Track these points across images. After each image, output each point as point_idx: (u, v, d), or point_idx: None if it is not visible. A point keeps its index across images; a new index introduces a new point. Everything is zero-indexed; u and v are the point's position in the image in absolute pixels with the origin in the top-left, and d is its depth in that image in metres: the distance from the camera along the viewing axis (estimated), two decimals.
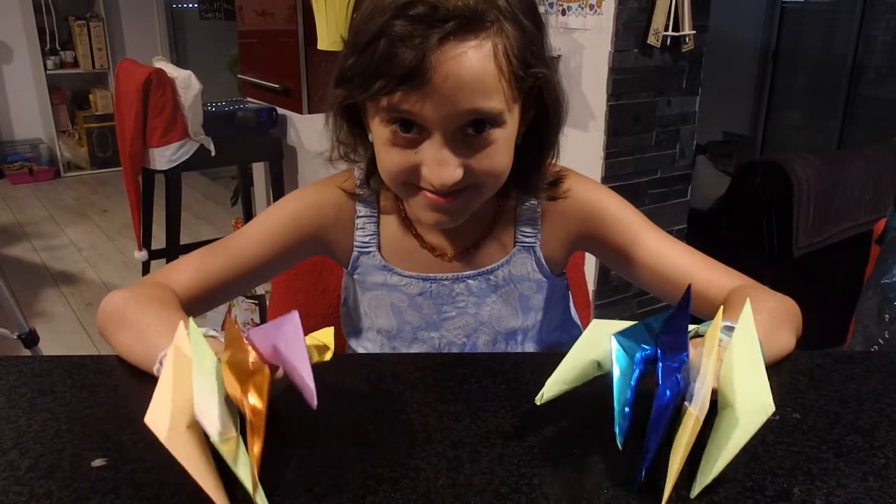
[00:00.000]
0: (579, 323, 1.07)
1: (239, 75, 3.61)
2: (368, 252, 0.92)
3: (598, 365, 0.61)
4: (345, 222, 0.91)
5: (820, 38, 4.49)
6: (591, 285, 2.12)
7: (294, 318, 0.59)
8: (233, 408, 0.57)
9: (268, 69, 3.28)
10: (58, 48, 5.17)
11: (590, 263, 2.11)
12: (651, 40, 1.96)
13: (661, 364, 0.57)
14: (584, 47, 2.02)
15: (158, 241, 3.30)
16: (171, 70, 2.92)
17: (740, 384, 0.57)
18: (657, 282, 0.88)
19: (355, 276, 0.95)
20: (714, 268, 0.86)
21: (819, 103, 4.46)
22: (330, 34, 2.04)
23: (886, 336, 0.82)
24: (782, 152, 4.33)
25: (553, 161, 0.86)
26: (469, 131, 0.73)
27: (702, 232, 2.58)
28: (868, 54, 4.19)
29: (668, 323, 0.58)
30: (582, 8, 2.00)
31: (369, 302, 0.95)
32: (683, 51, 2.02)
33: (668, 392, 0.55)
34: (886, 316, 0.81)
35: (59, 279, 3.51)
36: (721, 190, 2.83)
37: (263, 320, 2.33)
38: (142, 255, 3.27)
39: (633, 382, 0.56)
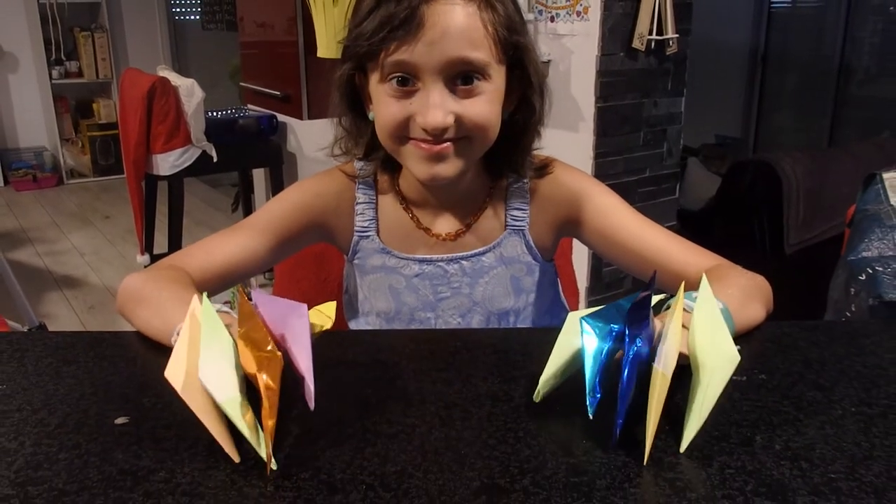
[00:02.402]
0: (569, 309, 1.12)
1: (241, 83, 3.68)
2: (368, 236, 0.97)
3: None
4: (345, 209, 0.97)
5: (808, 40, 4.56)
6: (583, 282, 2.18)
7: (302, 311, 0.62)
8: (240, 376, 0.61)
9: (269, 77, 3.34)
10: (63, 58, 5.25)
11: (582, 260, 2.16)
12: (636, 44, 2.02)
13: (627, 336, 0.61)
14: (573, 52, 2.09)
15: (160, 245, 3.36)
16: (175, 78, 2.99)
17: (707, 345, 0.62)
18: (637, 263, 0.92)
19: (355, 262, 1.00)
20: (691, 249, 0.91)
21: (809, 104, 4.53)
22: (329, 42, 2.10)
23: (853, 309, 0.88)
24: (771, 152, 4.40)
25: (539, 128, 0.92)
26: (458, 82, 0.81)
27: (694, 231, 2.63)
28: (855, 55, 4.26)
29: (634, 301, 0.62)
30: (569, 14, 2.07)
31: (369, 286, 1.00)
32: (668, 54, 2.09)
33: (631, 356, 0.60)
34: (852, 290, 0.87)
35: (62, 283, 3.56)
36: (713, 191, 2.88)
37: None
38: (144, 259, 3.33)
39: (603, 358, 0.61)
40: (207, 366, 0.59)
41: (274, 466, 0.57)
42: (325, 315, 0.72)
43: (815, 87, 4.45)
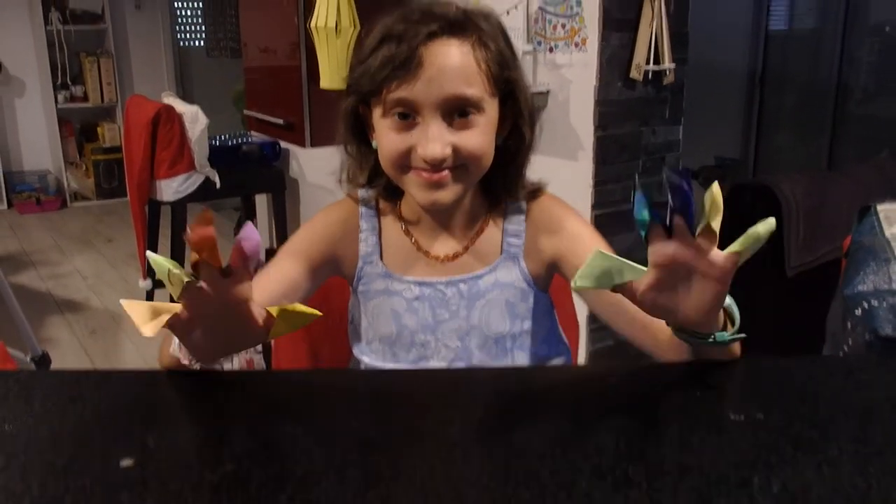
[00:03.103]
0: (567, 342, 1.13)
1: (245, 111, 3.71)
2: (371, 261, 1.02)
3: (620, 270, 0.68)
4: (350, 236, 1.02)
5: (805, 61, 4.59)
6: (584, 311, 2.18)
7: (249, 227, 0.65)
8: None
9: (272, 105, 3.38)
10: (68, 82, 5.30)
11: None
12: (633, 74, 2.05)
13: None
14: (571, 82, 2.11)
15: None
16: (179, 105, 3.02)
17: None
18: (604, 305, 0.94)
19: (360, 289, 1.03)
20: None
21: (808, 124, 4.55)
22: (332, 72, 2.13)
23: (850, 342, 0.89)
24: (771, 172, 4.39)
25: (530, 152, 0.98)
26: (455, 115, 0.88)
27: None
28: (853, 75, 4.28)
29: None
30: (568, 45, 2.09)
31: (372, 311, 1.03)
32: (665, 83, 2.11)
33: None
34: (849, 324, 0.88)
35: (63, 307, 3.57)
36: None
37: (266, 346, 2.38)
38: (146, 283, 3.34)
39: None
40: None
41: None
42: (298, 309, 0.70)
43: (813, 107, 4.47)
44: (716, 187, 0.64)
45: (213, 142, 3.27)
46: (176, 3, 5.83)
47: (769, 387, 0.78)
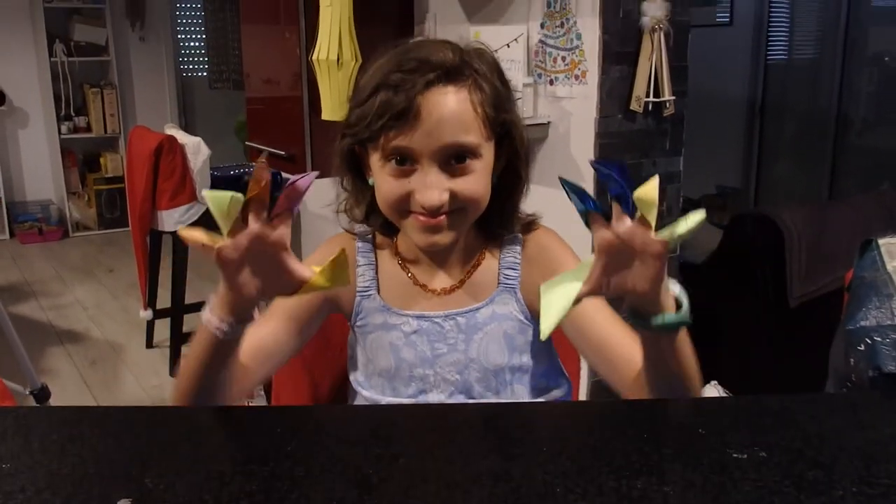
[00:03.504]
0: (567, 374, 1.13)
1: (246, 142, 3.74)
2: (369, 295, 1.02)
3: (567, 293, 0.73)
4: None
5: (805, 91, 4.62)
6: None
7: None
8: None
9: (274, 136, 3.39)
10: (72, 113, 5.33)
11: None
12: (634, 106, 2.06)
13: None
14: (572, 114, 2.13)
15: (163, 300, 3.36)
16: (182, 136, 3.04)
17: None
18: (585, 343, 0.95)
19: (357, 324, 1.03)
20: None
21: (808, 154, 4.57)
22: (333, 104, 2.14)
23: (853, 379, 0.88)
24: (772, 202, 4.41)
25: (525, 193, 1.00)
26: (452, 162, 0.89)
27: (697, 285, 2.62)
28: (853, 105, 4.31)
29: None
30: (568, 78, 2.11)
31: (370, 345, 1.03)
32: (665, 115, 2.12)
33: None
34: (851, 360, 0.87)
35: (64, 337, 3.56)
36: (714, 243, 2.89)
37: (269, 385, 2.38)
38: (147, 314, 3.33)
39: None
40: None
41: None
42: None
43: (813, 137, 4.50)
44: (649, 184, 0.69)
45: (215, 172, 3.28)
46: (180, 36, 5.90)
47: (772, 425, 0.77)
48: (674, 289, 0.77)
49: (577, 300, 0.74)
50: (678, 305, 0.78)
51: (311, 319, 1.01)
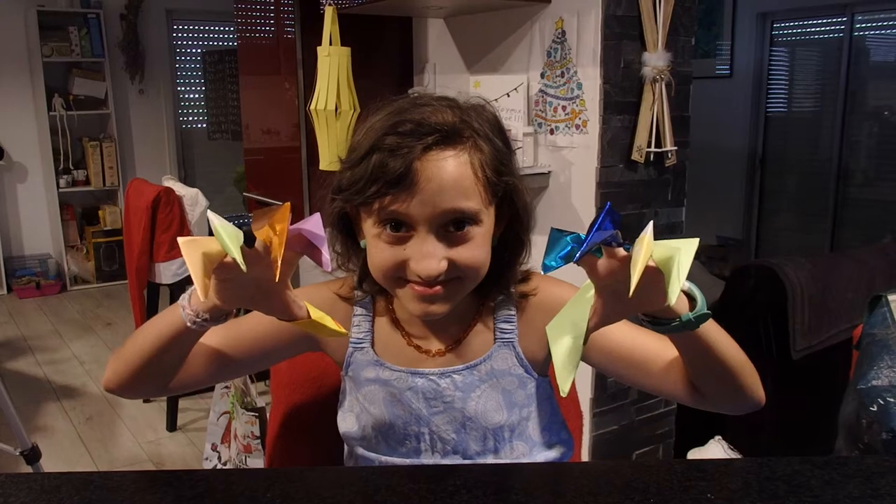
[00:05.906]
0: (568, 428, 1.09)
1: (244, 193, 3.74)
2: (362, 348, 0.98)
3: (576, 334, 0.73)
4: (341, 314, 0.98)
5: (805, 143, 4.66)
6: (588, 392, 2.13)
7: (316, 218, 0.75)
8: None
9: (272, 186, 3.39)
10: (70, 167, 5.35)
11: (585, 370, 2.13)
12: (635, 156, 2.05)
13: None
14: (573, 164, 2.12)
15: None
16: (180, 188, 3.04)
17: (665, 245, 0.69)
18: (629, 367, 0.93)
19: (349, 375, 1.00)
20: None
21: (809, 206, 4.59)
22: (331, 155, 2.14)
23: (866, 440, 0.85)
24: (774, 256, 4.40)
25: (525, 259, 0.96)
26: (451, 228, 0.84)
27: None
28: (853, 158, 4.34)
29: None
30: (569, 128, 2.11)
31: (364, 397, 0.99)
32: (667, 165, 2.12)
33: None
34: (864, 421, 0.84)
35: (60, 393, 3.51)
36: (716, 294, 2.87)
37: (264, 432, 2.33)
38: None
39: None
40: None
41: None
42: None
43: (814, 189, 4.52)
44: (644, 240, 0.68)
45: None
46: (179, 88, 5.95)
47: (785, 492, 0.74)
48: (683, 287, 0.76)
49: (586, 340, 0.73)
50: (691, 300, 0.77)
51: (283, 346, 0.99)
